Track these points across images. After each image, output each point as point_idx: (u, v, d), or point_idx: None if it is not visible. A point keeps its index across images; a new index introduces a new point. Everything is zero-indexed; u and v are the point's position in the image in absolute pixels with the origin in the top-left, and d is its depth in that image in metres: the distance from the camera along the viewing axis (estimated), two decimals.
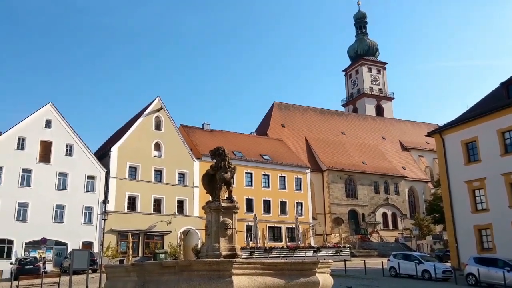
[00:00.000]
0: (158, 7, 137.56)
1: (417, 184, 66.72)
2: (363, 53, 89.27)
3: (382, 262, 28.18)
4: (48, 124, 38.49)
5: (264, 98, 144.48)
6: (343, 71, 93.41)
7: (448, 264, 28.53)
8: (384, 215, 60.53)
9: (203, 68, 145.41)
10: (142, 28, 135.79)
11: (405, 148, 71.93)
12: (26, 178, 36.38)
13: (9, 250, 34.47)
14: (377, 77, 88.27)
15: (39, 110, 38.47)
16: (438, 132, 32.55)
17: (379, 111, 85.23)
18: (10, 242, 34.61)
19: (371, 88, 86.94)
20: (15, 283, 21.67)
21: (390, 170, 63.36)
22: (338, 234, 49.81)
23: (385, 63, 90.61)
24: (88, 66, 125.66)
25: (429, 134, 35.23)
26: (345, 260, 30.91)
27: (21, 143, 36.92)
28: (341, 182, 58.60)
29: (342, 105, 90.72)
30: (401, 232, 57.38)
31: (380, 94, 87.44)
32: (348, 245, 45.07)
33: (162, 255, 35.73)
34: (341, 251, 42.19)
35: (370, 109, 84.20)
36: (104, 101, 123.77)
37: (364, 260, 30.69)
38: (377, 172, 61.47)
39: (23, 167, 36.28)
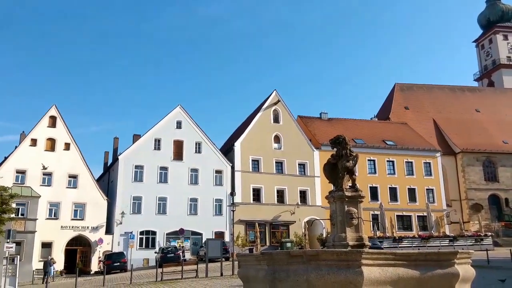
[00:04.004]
0: (275, 3, 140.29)
1: None
2: (496, 20, 79.79)
3: None
4: (178, 125, 42.19)
5: (384, 80, 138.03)
6: (473, 42, 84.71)
7: None
8: None
9: (318, 57, 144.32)
10: (257, 24, 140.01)
11: None
12: (163, 175, 40.35)
13: (153, 240, 38.69)
14: None
15: (170, 113, 42.43)
16: None
17: None
18: (154, 233, 38.83)
19: (509, 57, 77.22)
20: (159, 270, 24.12)
21: None
22: (477, 222, 45.62)
23: None
24: (206, 64, 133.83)
25: None
26: (487, 250, 28.00)
27: (157, 144, 41.04)
28: (478, 164, 53.36)
29: (475, 80, 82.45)
30: None
31: None
32: (490, 234, 41.42)
33: (289, 244, 36.35)
34: (481, 240, 38.83)
35: (510, 81, 74.78)
36: (224, 97, 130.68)
37: (511, 250, 27.46)
38: None
39: (160, 165, 40.29)
